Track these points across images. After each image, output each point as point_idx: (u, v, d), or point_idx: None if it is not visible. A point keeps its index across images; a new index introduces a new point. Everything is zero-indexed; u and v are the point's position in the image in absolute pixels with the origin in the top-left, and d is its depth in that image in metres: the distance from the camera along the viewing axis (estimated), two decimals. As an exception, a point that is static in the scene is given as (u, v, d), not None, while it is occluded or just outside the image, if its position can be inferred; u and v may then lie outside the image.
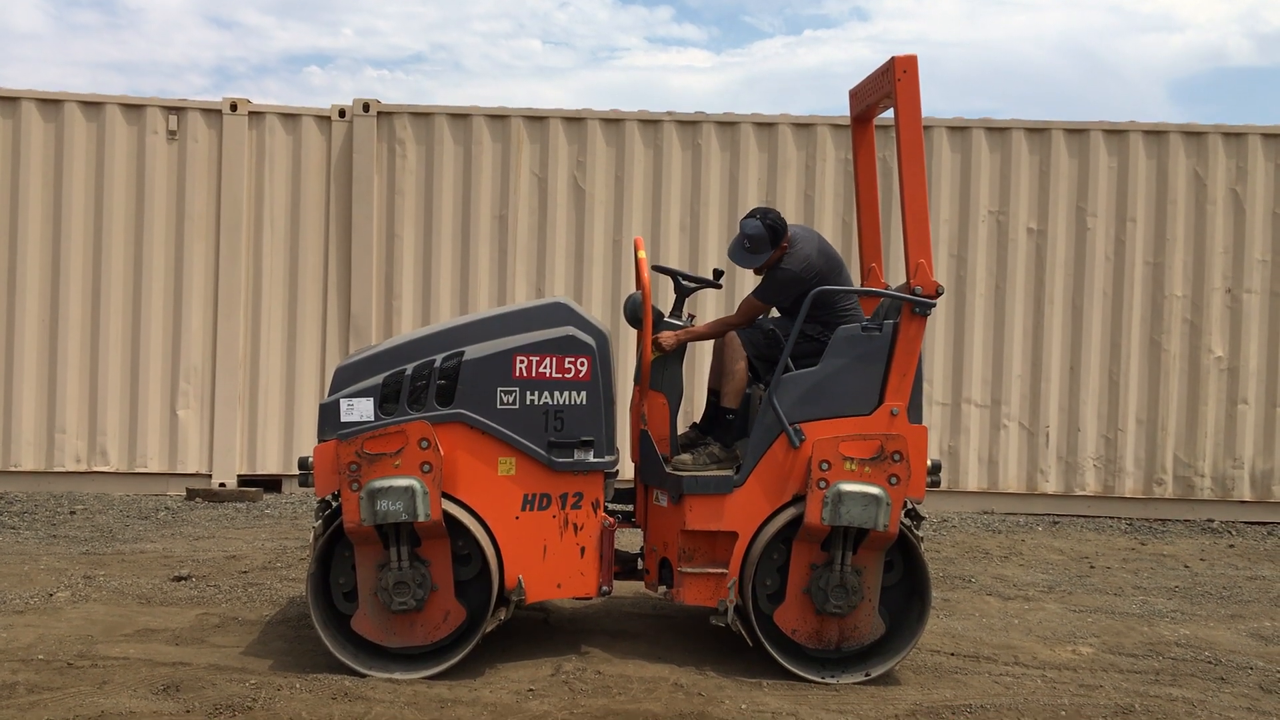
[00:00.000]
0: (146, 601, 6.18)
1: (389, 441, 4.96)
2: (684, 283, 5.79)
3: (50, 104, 9.65)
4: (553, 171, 9.91)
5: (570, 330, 5.22)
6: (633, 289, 9.94)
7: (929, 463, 5.36)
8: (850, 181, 9.91)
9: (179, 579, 6.65)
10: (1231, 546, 8.89)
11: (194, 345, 9.73)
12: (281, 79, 40.33)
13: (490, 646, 5.45)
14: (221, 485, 9.65)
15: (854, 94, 6.05)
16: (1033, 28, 41.04)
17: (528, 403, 5.14)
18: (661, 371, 5.53)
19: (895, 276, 9.26)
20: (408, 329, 9.86)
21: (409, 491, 4.87)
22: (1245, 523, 9.78)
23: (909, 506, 5.33)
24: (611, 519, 5.31)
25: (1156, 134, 9.91)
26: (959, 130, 9.94)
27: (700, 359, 9.54)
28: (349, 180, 9.84)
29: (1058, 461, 9.91)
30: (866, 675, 5.12)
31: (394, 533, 4.98)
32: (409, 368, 5.15)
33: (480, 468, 5.12)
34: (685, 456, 5.43)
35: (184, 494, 9.62)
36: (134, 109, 9.73)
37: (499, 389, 5.13)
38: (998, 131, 9.94)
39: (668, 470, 5.35)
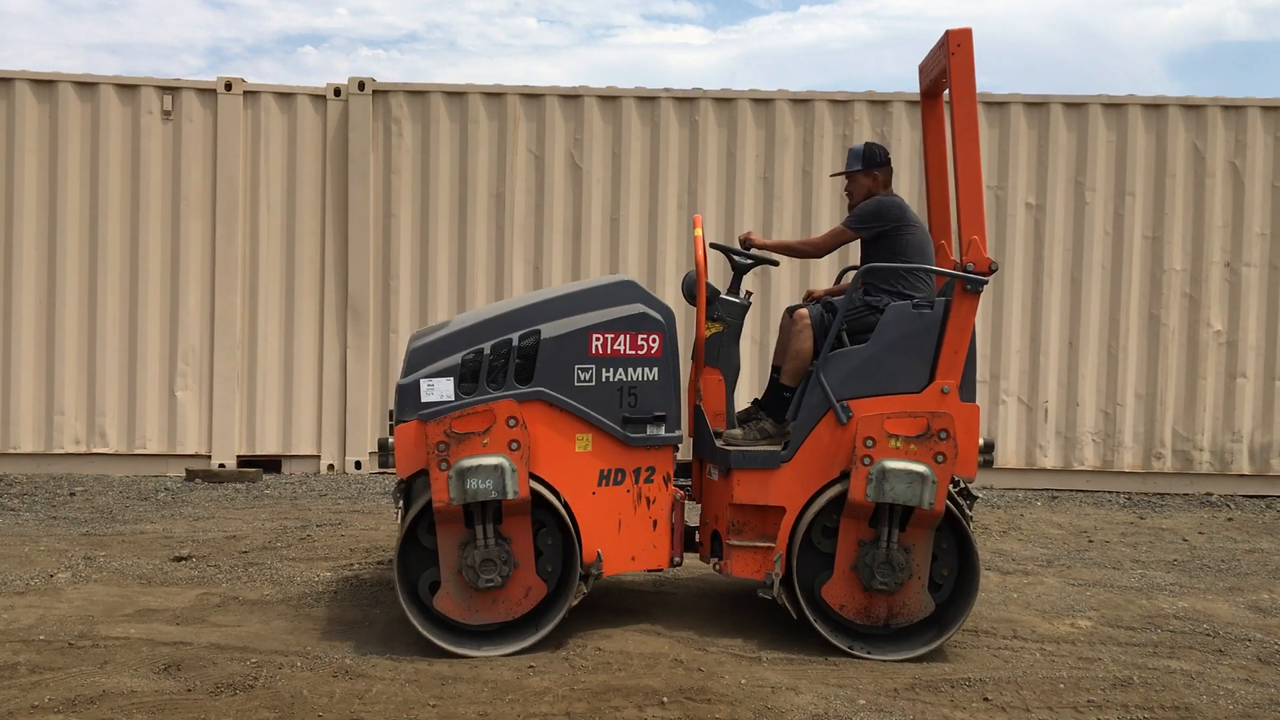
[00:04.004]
0: (147, 582, 6.19)
1: (477, 420, 4.99)
2: (741, 261, 5.78)
3: (44, 84, 9.61)
4: (550, 149, 9.88)
5: (642, 307, 5.27)
6: (629, 267, 9.93)
7: (980, 441, 5.32)
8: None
9: (179, 559, 6.67)
10: (1230, 520, 8.91)
11: (191, 326, 9.72)
12: (276, 59, 40.20)
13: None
14: (221, 466, 9.66)
15: (921, 69, 6.00)
16: (1030, 2, 40.88)
17: (603, 380, 5.20)
18: (718, 348, 5.54)
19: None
20: (406, 308, 9.86)
21: (498, 470, 4.91)
22: (1244, 496, 9.80)
23: (960, 485, 5.29)
24: (681, 492, 5.39)
25: (1155, 107, 9.87)
26: (957, 105, 9.88)
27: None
28: (345, 159, 9.81)
29: (1056, 436, 9.91)
30: (913, 653, 5.11)
31: (480, 511, 5.02)
32: (486, 346, 5.18)
33: (559, 444, 5.18)
34: (736, 431, 5.47)
35: (183, 475, 9.63)
36: (128, 89, 9.69)
37: (576, 366, 5.18)
38: (996, 106, 9.90)
39: (717, 444, 5.38)
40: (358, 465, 9.84)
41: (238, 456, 9.77)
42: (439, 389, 5.13)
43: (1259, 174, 9.87)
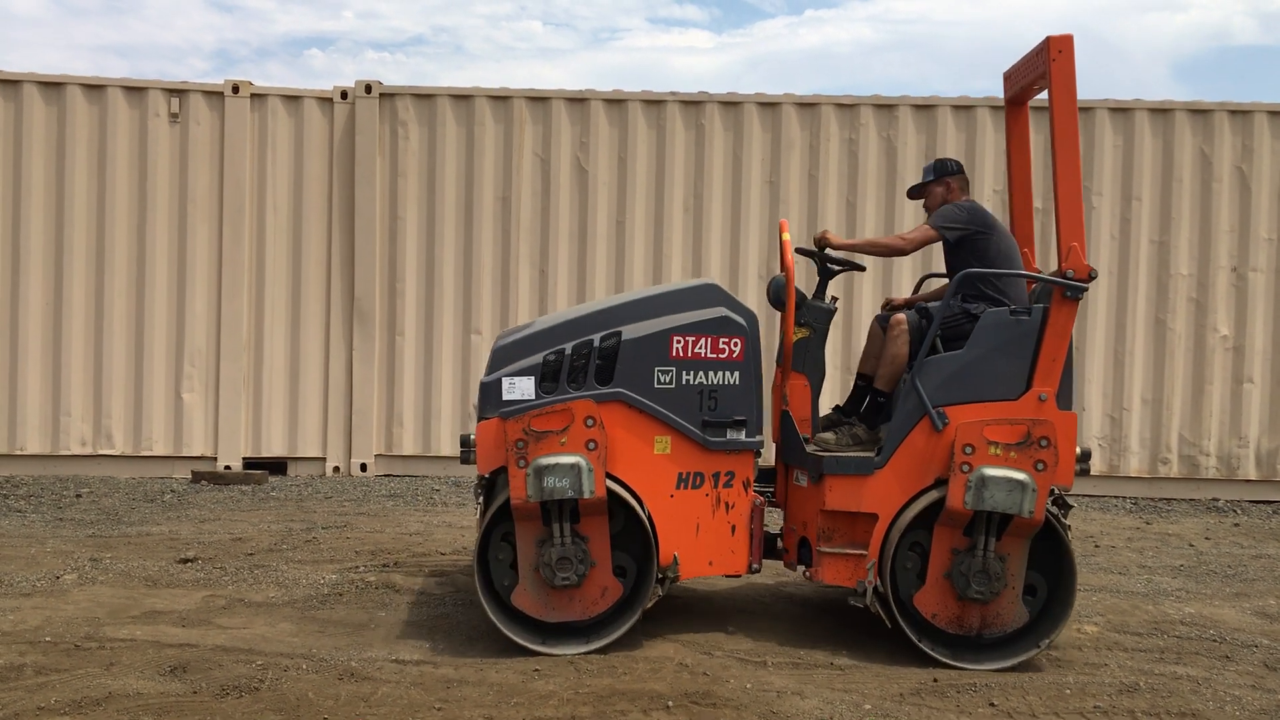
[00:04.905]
0: (153, 584, 6.20)
1: (555, 419, 5.03)
2: (828, 266, 5.76)
3: (52, 87, 9.63)
4: (555, 152, 9.88)
5: (724, 311, 5.27)
6: (635, 270, 9.93)
7: (1078, 450, 5.29)
8: (853, 161, 9.88)
9: (185, 561, 6.67)
10: (1237, 525, 8.89)
11: (198, 328, 9.74)
12: (283, 62, 40.26)
13: (497, 627, 5.46)
14: (227, 468, 9.68)
15: (1008, 76, 5.97)
16: (1035, 6, 40.87)
17: (683, 382, 5.20)
18: (804, 353, 5.52)
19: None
20: (411, 311, 9.87)
21: (575, 469, 4.95)
22: (1250, 501, 9.77)
23: (1056, 494, 5.27)
24: (761, 498, 5.37)
25: (1162, 112, 9.86)
26: (963, 109, 9.90)
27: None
28: (351, 162, 9.83)
29: (1062, 441, 9.88)
30: (1007, 662, 5.07)
31: (557, 509, 5.05)
32: (568, 347, 5.21)
33: (637, 446, 5.19)
34: (828, 435, 5.44)
35: (189, 477, 9.64)
36: (136, 91, 9.71)
37: (656, 369, 5.19)
38: (1001, 110, 9.86)
39: (808, 450, 5.35)
40: (363, 468, 9.84)
41: (243, 458, 9.78)
42: (520, 387, 5.17)
43: (1266, 179, 9.85)
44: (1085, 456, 5.43)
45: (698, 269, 9.89)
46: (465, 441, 5.39)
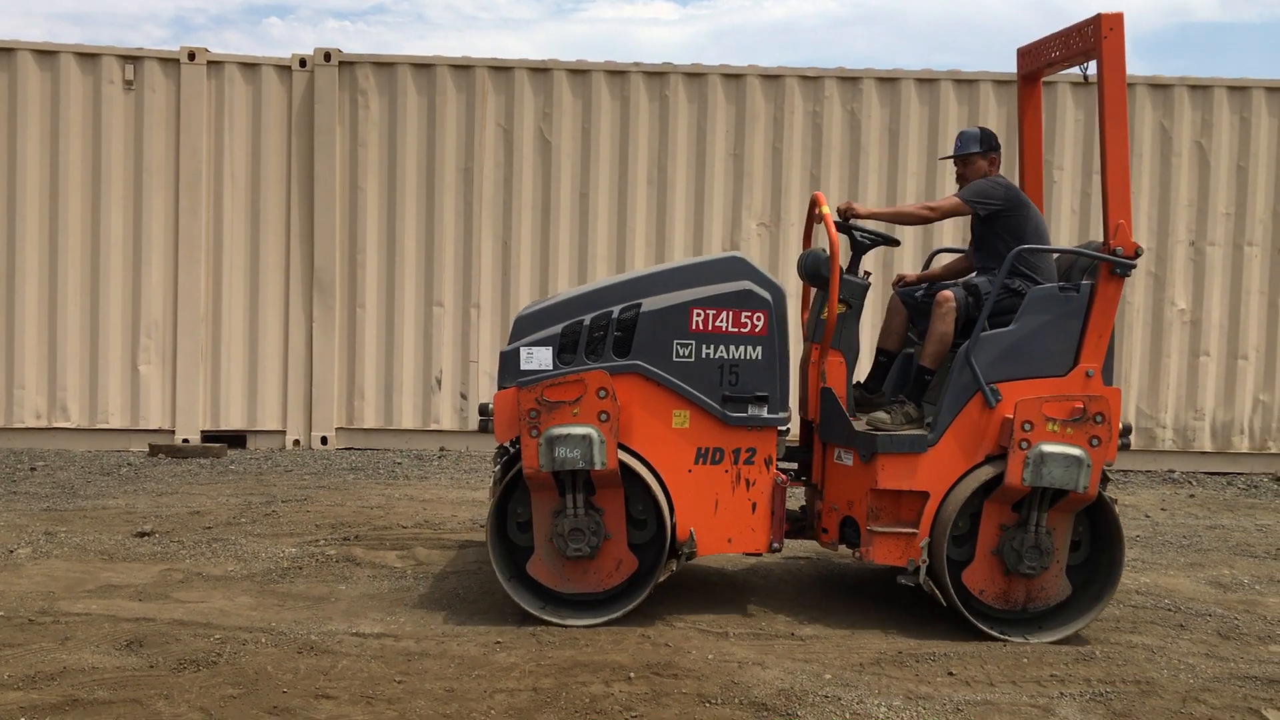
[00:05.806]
0: (109, 557, 6.13)
1: (568, 390, 5.00)
2: (861, 240, 5.69)
3: (3, 53, 9.43)
4: (518, 123, 9.80)
5: (747, 284, 5.21)
6: (598, 243, 9.88)
7: (1120, 425, 5.31)
8: (817, 134, 9.86)
9: (142, 535, 6.60)
10: (1192, 496, 9.01)
11: (154, 299, 9.60)
12: (241, 30, 39.58)
13: (459, 600, 5.45)
14: (185, 441, 9.57)
15: (1026, 52, 5.93)
16: (1000, -19, 40.88)
17: (703, 356, 5.17)
18: (840, 330, 5.44)
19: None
20: (372, 281, 9.78)
21: (586, 440, 4.93)
22: (1205, 473, 9.90)
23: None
24: (784, 476, 5.32)
25: (1123, 87, 9.88)
26: (927, 83, 9.89)
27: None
28: (311, 132, 9.69)
29: (1022, 414, 9.95)
30: (1055, 635, 5.12)
31: (570, 480, 5.04)
32: (587, 318, 5.19)
33: (654, 420, 5.16)
34: (882, 415, 5.39)
35: (146, 450, 9.53)
36: (89, 58, 9.52)
37: (675, 341, 5.16)
38: (965, 84, 9.90)
39: (859, 429, 5.31)
40: (323, 440, 9.77)
41: (202, 431, 9.68)
42: (538, 357, 5.17)
43: (1224, 154, 9.93)
44: (1126, 431, 5.47)
45: (661, 242, 9.85)
46: (484, 410, 5.39)
